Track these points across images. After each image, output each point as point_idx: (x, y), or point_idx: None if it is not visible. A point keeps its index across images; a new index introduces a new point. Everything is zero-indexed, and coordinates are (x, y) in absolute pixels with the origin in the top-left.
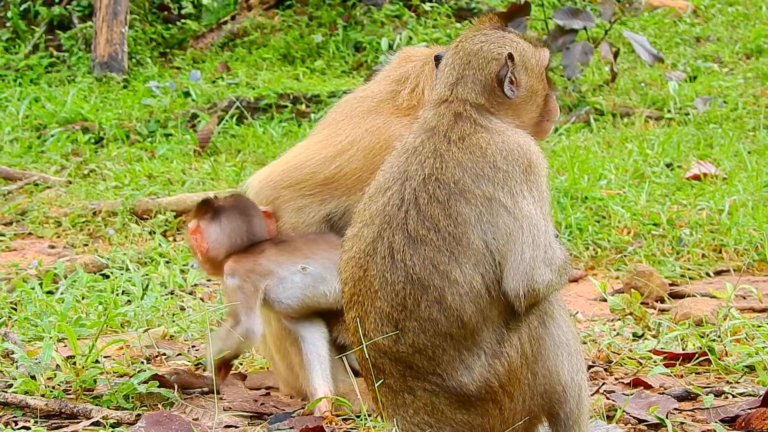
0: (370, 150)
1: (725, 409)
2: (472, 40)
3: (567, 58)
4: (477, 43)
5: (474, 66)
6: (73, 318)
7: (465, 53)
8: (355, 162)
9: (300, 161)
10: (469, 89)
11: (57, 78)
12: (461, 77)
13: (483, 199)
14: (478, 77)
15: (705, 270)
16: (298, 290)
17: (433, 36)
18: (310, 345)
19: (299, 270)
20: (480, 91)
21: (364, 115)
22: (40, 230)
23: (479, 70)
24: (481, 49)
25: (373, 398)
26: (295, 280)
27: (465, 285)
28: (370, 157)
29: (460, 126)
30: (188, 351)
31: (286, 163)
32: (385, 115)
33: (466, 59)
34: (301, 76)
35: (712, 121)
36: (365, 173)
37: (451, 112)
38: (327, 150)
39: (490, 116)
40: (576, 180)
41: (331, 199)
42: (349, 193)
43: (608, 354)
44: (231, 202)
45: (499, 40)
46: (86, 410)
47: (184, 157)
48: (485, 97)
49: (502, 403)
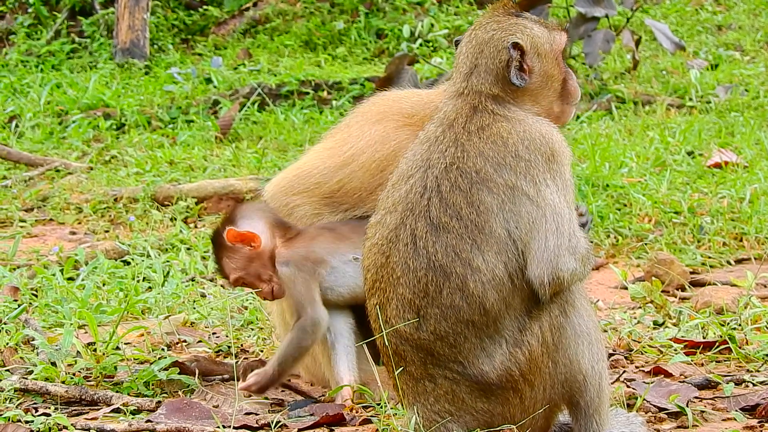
0: (367, 169)
1: (746, 398)
2: (485, 27)
3: (589, 46)
4: (489, 31)
5: (486, 55)
6: (94, 304)
7: (478, 42)
8: (355, 181)
9: (309, 168)
10: (483, 80)
11: (79, 64)
12: (475, 67)
13: (505, 188)
14: (491, 66)
15: (726, 258)
16: (350, 279)
17: (455, 23)
18: (338, 335)
19: (351, 260)
20: (493, 81)
21: (372, 124)
22: (62, 216)
23: (491, 59)
24: (493, 37)
25: (394, 386)
26: (347, 270)
27: (487, 272)
28: (368, 177)
29: (478, 118)
30: (209, 338)
31: (297, 169)
32: (388, 125)
33: (479, 48)
34: (323, 62)
35: (733, 110)
36: (364, 193)
37: (468, 105)
38: (333, 159)
39: (508, 105)
40: (597, 168)
41: (337, 211)
42: (353, 210)
43: (629, 342)
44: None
45: (511, 27)
46: (107, 397)
47: (205, 144)
48: (499, 86)
49: (523, 392)
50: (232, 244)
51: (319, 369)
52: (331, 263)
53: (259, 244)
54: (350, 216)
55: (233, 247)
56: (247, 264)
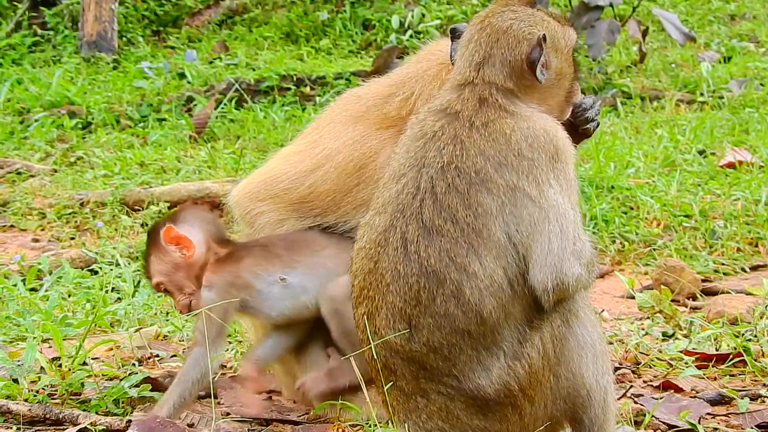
0: (343, 169)
1: (761, 414)
2: (500, 16)
3: (592, 38)
4: (507, 20)
5: (503, 45)
6: (59, 317)
7: (493, 30)
8: (329, 182)
9: (277, 173)
10: (497, 71)
11: (41, 58)
12: (488, 56)
13: (506, 189)
14: (507, 58)
15: (740, 265)
16: (277, 302)
17: (448, 13)
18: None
19: (278, 281)
20: (509, 73)
21: (346, 123)
22: (23, 222)
23: (509, 50)
24: (511, 26)
25: (383, 402)
26: (274, 292)
27: (485, 278)
28: (343, 178)
29: (484, 112)
30: (183, 352)
31: (264, 174)
32: (367, 125)
33: (494, 37)
34: (305, 56)
35: (747, 105)
36: (339, 195)
37: (476, 96)
38: (304, 163)
39: (516, 100)
40: (602, 168)
41: (306, 217)
42: (324, 215)
43: (636, 355)
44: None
45: (530, 18)
46: (73, 416)
47: (178, 144)
48: (513, 80)
49: (522, 408)
50: (165, 244)
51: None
52: (257, 287)
53: (192, 254)
54: (319, 223)
55: (165, 248)
56: (173, 271)
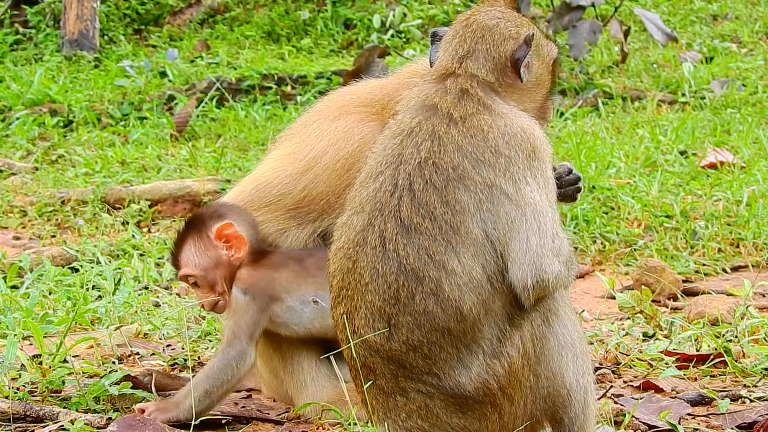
0: (333, 170)
1: (742, 415)
2: (487, 14)
3: (574, 37)
4: (493, 19)
5: (488, 41)
6: (40, 314)
7: (479, 27)
8: (321, 184)
9: (268, 179)
10: (480, 65)
11: (23, 56)
12: (472, 51)
13: (483, 186)
14: (492, 53)
15: (721, 265)
16: (306, 320)
17: (430, 13)
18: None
19: (310, 301)
20: (491, 68)
21: (330, 121)
22: (4, 220)
23: (494, 46)
24: (497, 25)
25: (363, 401)
26: (305, 311)
27: (464, 275)
28: (334, 179)
29: (464, 105)
30: (163, 350)
31: (255, 181)
32: (350, 119)
33: (480, 33)
34: (287, 55)
35: (729, 106)
36: (332, 197)
37: (457, 87)
38: (293, 166)
39: (495, 97)
40: (583, 168)
41: (306, 223)
42: (321, 219)
43: (616, 355)
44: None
45: (517, 19)
46: (53, 413)
47: (159, 142)
48: (495, 75)
49: (502, 407)
50: (215, 239)
51: (281, 385)
52: (288, 302)
53: (241, 256)
54: (318, 228)
55: (212, 243)
56: (212, 267)
